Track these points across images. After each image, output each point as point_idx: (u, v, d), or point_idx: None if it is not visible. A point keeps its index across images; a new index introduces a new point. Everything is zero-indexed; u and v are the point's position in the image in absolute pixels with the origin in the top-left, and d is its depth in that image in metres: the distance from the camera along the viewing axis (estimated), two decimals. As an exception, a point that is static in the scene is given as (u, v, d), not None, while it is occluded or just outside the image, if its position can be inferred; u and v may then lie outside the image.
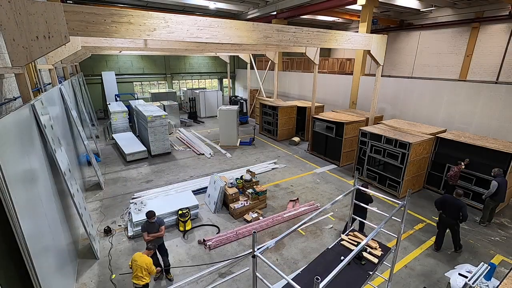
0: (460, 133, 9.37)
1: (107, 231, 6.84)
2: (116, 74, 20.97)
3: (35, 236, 3.71)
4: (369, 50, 9.62)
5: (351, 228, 4.95)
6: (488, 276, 4.09)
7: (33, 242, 3.55)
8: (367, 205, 5.35)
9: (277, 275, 4.01)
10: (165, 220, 7.03)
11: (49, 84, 9.44)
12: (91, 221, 6.56)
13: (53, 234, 4.53)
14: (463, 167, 8.13)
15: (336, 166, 11.42)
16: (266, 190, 8.29)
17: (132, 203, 7.77)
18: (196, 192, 8.92)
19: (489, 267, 4.13)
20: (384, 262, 4.17)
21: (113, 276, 5.60)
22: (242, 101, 18.97)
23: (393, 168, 9.12)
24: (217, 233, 7.02)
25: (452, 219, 6.06)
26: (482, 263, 4.23)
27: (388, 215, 3.90)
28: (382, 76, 11.79)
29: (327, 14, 18.84)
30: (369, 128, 9.77)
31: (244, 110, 19.10)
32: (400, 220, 4.12)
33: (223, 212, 7.97)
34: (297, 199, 8.54)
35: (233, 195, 7.93)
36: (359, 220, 5.53)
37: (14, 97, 5.69)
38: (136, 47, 10.08)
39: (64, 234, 5.26)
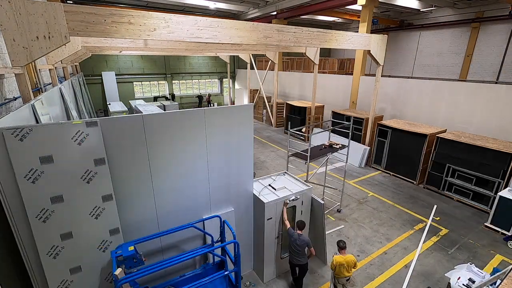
0: (460, 133, 9.37)
1: None
2: (116, 74, 20.97)
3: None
4: (369, 50, 9.63)
5: None
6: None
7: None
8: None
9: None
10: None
11: (49, 84, 9.43)
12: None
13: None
14: None
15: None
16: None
17: None
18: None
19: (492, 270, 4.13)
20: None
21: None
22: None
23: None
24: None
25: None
26: (486, 272, 4.19)
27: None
28: (382, 76, 11.80)
29: (327, 14, 18.85)
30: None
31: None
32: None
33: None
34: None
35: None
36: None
37: (14, 97, 5.69)
38: (136, 47, 10.08)
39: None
